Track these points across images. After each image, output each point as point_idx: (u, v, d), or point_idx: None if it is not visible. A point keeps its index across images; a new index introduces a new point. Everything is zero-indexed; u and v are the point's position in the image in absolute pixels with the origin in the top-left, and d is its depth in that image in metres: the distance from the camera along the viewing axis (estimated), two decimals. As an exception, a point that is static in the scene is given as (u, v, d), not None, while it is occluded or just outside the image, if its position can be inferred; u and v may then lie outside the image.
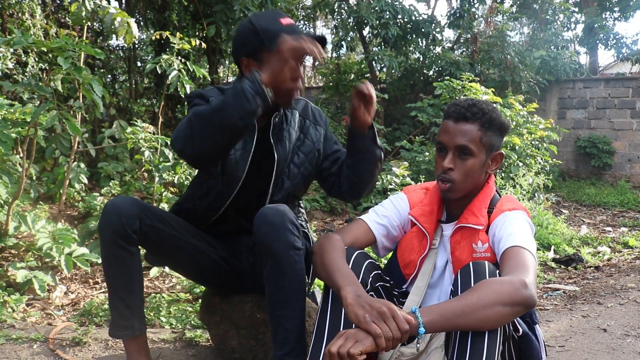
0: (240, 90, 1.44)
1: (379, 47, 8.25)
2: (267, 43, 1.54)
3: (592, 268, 3.69)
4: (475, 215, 1.49)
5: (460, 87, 5.54)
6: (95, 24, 5.39)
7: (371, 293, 1.44)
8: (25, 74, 4.14)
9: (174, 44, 3.54)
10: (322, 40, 1.56)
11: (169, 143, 1.50)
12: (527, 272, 1.27)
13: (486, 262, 1.35)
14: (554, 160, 5.92)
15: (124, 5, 5.68)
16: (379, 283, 1.49)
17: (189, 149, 1.51)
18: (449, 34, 12.46)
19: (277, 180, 1.74)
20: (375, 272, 1.49)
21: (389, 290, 1.53)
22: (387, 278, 1.55)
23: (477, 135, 1.47)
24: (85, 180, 3.68)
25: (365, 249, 1.64)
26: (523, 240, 1.37)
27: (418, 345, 1.33)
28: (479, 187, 1.54)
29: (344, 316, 1.38)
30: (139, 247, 1.65)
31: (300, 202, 1.93)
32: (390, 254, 1.70)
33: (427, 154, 5.37)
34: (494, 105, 1.55)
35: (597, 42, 9.78)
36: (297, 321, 1.53)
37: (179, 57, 3.52)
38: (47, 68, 4.24)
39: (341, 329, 1.36)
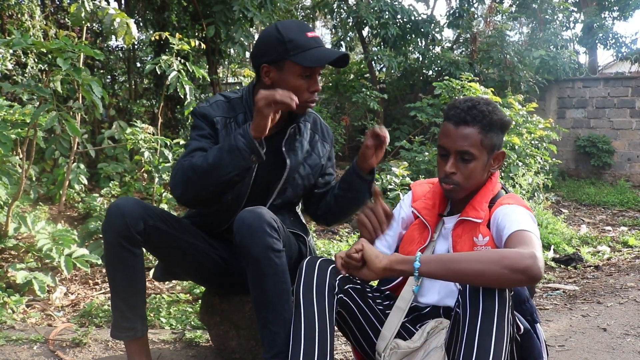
0: (235, 148, 1.51)
1: (379, 47, 8.25)
2: (293, 53, 1.58)
3: (591, 267, 3.70)
4: (475, 210, 1.51)
5: (459, 87, 5.53)
6: (94, 24, 5.38)
7: (340, 295, 1.46)
8: (25, 75, 4.13)
9: (174, 44, 3.54)
10: (345, 58, 1.64)
11: (169, 186, 1.59)
12: (535, 247, 1.28)
13: None
14: (554, 159, 5.91)
15: (123, 6, 5.67)
16: (348, 285, 1.49)
17: (188, 197, 1.60)
18: (448, 33, 12.50)
19: (282, 187, 1.76)
20: (342, 275, 1.47)
21: (361, 291, 1.52)
22: (358, 281, 1.53)
23: (478, 139, 1.47)
24: (85, 181, 3.68)
25: None
26: (528, 225, 1.38)
27: (417, 285, 1.46)
28: (481, 184, 1.55)
29: (317, 314, 1.41)
30: (142, 248, 1.65)
31: (297, 207, 1.93)
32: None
33: (426, 153, 5.36)
34: (494, 103, 1.54)
35: (597, 41, 9.77)
36: (283, 323, 1.52)
37: (179, 58, 3.52)
38: (47, 69, 4.24)
39: (316, 325, 1.40)
